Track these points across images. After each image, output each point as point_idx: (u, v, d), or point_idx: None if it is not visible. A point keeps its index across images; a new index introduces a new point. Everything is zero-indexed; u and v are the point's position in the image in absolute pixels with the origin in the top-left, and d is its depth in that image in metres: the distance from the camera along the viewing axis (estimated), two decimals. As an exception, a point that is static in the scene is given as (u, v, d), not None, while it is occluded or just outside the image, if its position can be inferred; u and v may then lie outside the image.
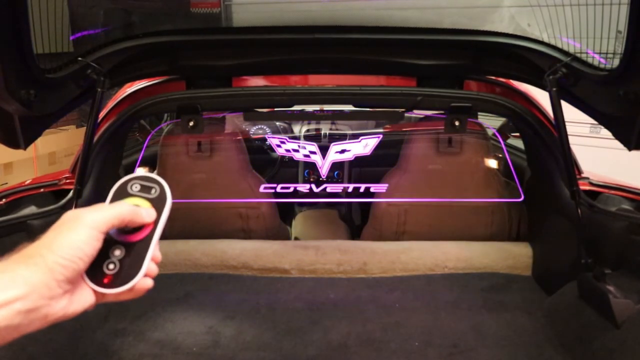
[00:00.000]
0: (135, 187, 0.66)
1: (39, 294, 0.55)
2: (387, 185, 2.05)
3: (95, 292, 0.63)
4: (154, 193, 0.66)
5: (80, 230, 0.59)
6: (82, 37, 1.58)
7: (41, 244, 0.58)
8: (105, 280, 0.62)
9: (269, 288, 1.83)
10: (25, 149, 1.39)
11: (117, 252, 0.63)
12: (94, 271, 0.62)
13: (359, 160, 2.18)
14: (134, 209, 0.64)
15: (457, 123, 1.79)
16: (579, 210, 1.58)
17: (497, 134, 2.48)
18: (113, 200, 0.66)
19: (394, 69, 1.81)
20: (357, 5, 1.86)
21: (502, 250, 1.96)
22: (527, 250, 1.94)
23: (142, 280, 0.63)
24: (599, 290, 1.40)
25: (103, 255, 0.62)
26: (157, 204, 0.66)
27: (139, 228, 0.64)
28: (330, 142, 2.05)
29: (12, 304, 0.53)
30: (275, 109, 2.27)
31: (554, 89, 1.49)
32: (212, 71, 1.80)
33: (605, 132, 1.62)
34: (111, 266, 0.62)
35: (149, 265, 0.64)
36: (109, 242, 0.63)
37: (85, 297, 0.62)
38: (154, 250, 0.65)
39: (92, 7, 1.72)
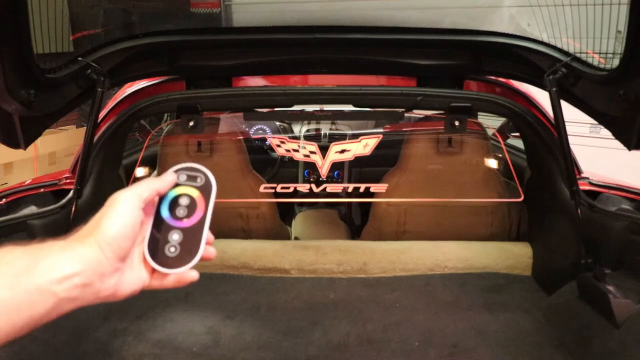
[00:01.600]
0: (182, 177, 0.72)
1: (93, 271, 0.61)
2: (387, 185, 2.05)
3: (149, 274, 0.69)
4: (200, 181, 0.72)
5: (119, 210, 0.65)
6: (82, 37, 1.58)
7: (91, 225, 0.64)
8: (168, 262, 0.69)
9: (268, 288, 1.83)
10: (25, 149, 1.39)
11: (176, 237, 0.70)
12: (158, 254, 0.69)
13: (359, 160, 2.18)
14: (157, 178, 0.71)
15: (457, 123, 1.79)
16: (579, 210, 1.58)
17: (497, 134, 2.48)
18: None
19: (394, 69, 1.81)
20: (357, 5, 1.86)
21: (502, 250, 1.96)
22: (527, 250, 1.94)
23: (189, 273, 0.69)
24: (599, 290, 1.40)
25: (164, 239, 0.69)
26: (204, 190, 0.72)
27: (191, 214, 0.71)
28: (330, 142, 2.04)
29: (72, 278, 0.59)
30: (275, 109, 2.27)
31: (554, 89, 1.49)
32: (212, 71, 1.80)
33: (605, 132, 1.62)
34: (172, 249, 0.69)
35: (206, 248, 0.70)
36: (167, 227, 0.70)
37: (134, 280, 0.67)
38: (208, 233, 0.71)
39: (92, 7, 1.72)
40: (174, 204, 0.71)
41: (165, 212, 0.71)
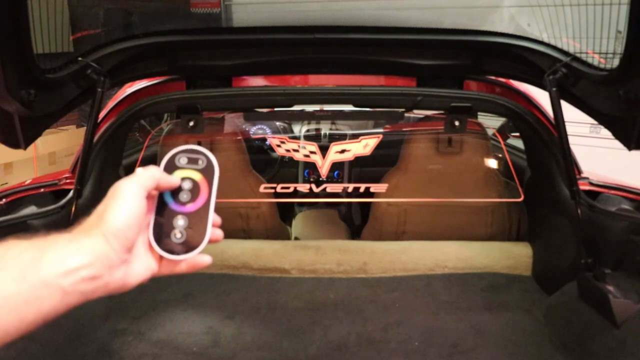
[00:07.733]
0: (183, 160, 0.71)
1: (101, 263, 0.60)
2: (387, 185, 2.05)
3: (157, 262, 0.68)
4: (202, 164, 0.71)
5: (124, 200, 0.63)
6: (82, 37, 1.58)
7: (95, 217, 0.63)
8: (176, 248, 0.68)
9: (269, 288, 1.83)
10: (25, 149, 1.39)
11: (181, 222, 0.68)
12: (165, 241, 0.68)
13: (359, 160, 2.18)
14: (159, 170, 0.69)
15: (457, 123, 1.79)
16: (579, 210, 1.58)
17: (497, 134, 2.48)
18: None
19: (394, 69, 1.81)
20: (357, 5, 1.86)
21: (502, 250, 1.96)
22: (527, 250, 1.94)
23: (201, 257, 0.69)
24: (599, 290, 1.40)
25: (169, 226, 0.68)
26: (207, 173, 0.71)
27: (195, 198, 0.69)
28: (330, 142, 2.05)
29: (79, 270, 0.58)
30: (275, 109, 2.27)
31: (554, 89, 1.49)
32: (212, 71, 1.80)
33: (605, 132, 1.62)
34: (178, 235, 0.68)
35: (213, 231, 0.70)
36: (172, 213, 0.69)
37: (142, 269, 0.66)
38: (214, 215, 0.70)
39: (92, 7, 1.72)
40: (177, 188, 0.70)
41: (168, 198, 0.69)
